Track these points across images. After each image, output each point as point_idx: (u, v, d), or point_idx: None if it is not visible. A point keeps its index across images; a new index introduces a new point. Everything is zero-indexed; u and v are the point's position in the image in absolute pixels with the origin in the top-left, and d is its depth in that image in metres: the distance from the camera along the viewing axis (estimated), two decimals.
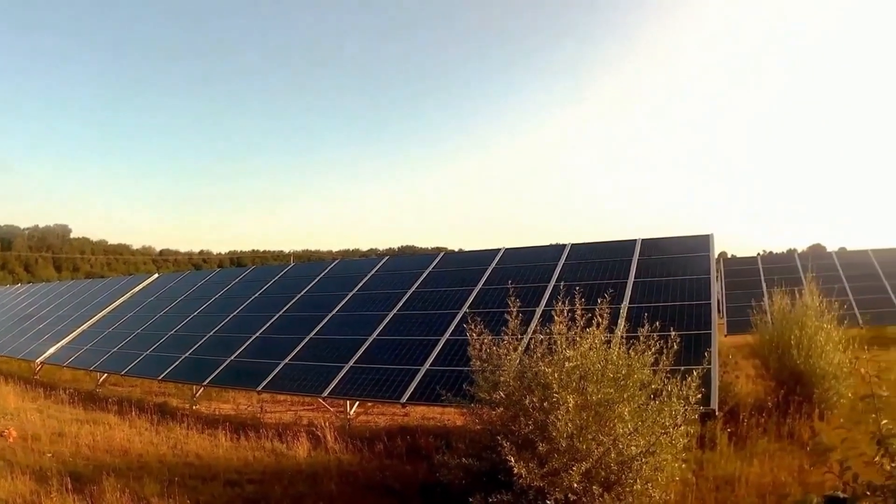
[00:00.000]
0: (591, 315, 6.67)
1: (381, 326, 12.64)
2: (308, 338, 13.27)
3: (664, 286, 10.89)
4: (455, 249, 33.40)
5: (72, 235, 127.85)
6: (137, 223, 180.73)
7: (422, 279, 14.21)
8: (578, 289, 7.44)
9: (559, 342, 6.37)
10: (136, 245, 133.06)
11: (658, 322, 6.91)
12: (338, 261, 18.42)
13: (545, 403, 6.02)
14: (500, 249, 14.28)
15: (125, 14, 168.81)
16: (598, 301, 6.94)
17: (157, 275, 23.99)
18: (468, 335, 7.29)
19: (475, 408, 6.81)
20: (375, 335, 12.38)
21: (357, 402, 11.98)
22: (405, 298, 13.54)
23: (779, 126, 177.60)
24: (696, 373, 6.39)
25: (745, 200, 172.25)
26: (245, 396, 15.06)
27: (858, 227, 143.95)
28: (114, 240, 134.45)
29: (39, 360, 19.00)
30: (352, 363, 11.63)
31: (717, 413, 8.19)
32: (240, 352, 13.82)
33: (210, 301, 17.98)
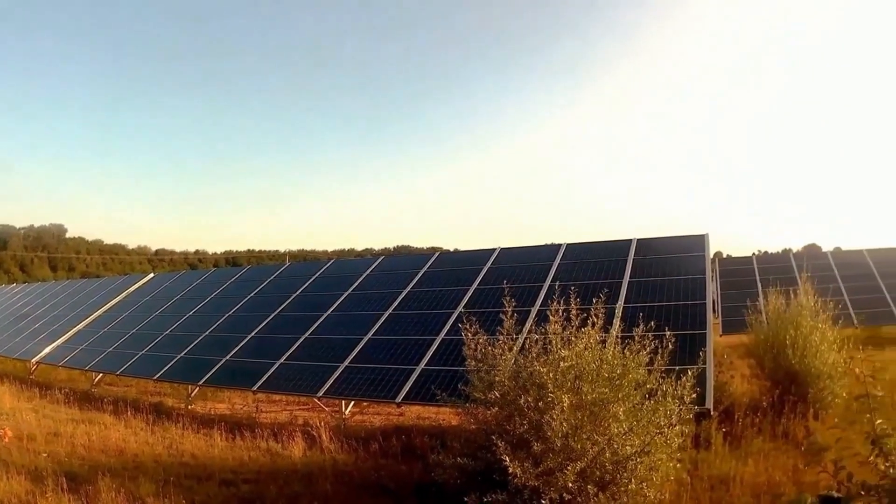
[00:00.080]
0: (587, 315, 6.69)
1: (377, 326, 12.63)
2: (303, 337, 13.25)
3: (659, 286, 10.90)
4: (451, 249, 33.33)
5: (67, 235, 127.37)
6: (133, 223, 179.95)
7: (417, 279, 14.20)
8: (574, 289, 7.44)
9: (554, 342, 6.39)
10: (132, 245, 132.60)
11: (653, 322, 6.89)
12: (333, 260, 18.40)
13: (540, 403, 6.03)
14: (496, 249, 14.26)
15: (121, 14, 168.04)
16: (594, 301, 6.95)
17: (153, 274, 23.94)
18: (463, 335, 7.30)
19: (470, 407, 6.82)
20: (371, 335, 12.37)
21: (352, 402, 11.98)
22: (400, 298, 13.53)
23: (775, 126, 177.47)
24: (691, 372, 6.40)
25: (741, 200, 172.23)
26: (240, 396, 15.05)
27: (853, 228, 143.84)
28: (109, 239, 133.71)
29: (35, 360, 18.97)
30: (347, 363, 11.62)
31: (712, 413, 8.19)
32: (235, 351, 13.80)
33: (205, 301, 17.94)
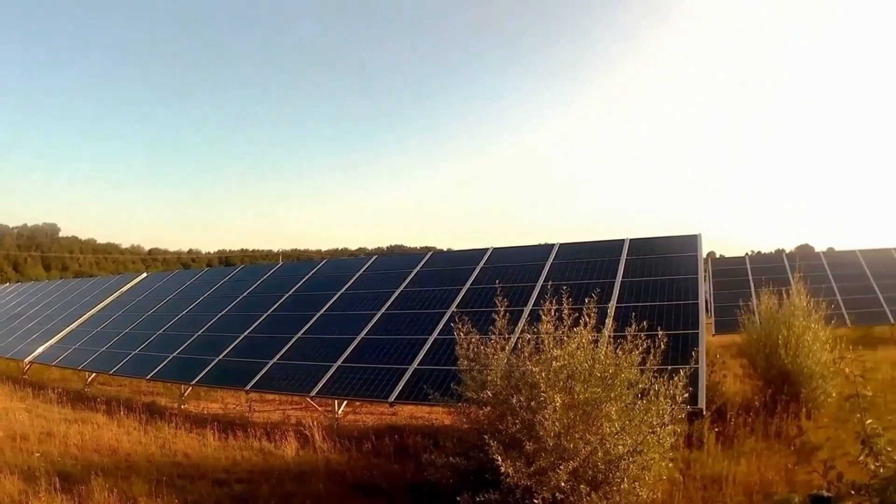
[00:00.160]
0: (579, 314, 6.69)
1: (370, 326, 12.62)
2: (296, 337, 13.23)
3: (652, 286, 10.91)
4: (444, 249, 33.39)
5: (60, 234, 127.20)
6: (126, 222, 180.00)
7: (410, 278, 14.20)
8: (566, 288, 7.44)
9: (546, 341, 6.39)
10: (125, 244, 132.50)
11: (646, 322, 6.92)
12: (326, 260, 18.37)
13: (532, 402, 6.03)
14: (488, 249, 14.27)
15: (118, 13, 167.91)
16: (586, 301, 6.96)
17: (146, 274, 23.87)
18: (456, 334, 7.30)
19: (463, 407, 6.82)
20: (363, 334, 12.36)
21: (345, 402, 11.97)
22: (393, 298, 13.52)
23: (772, 127, 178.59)
24: (684, 372, 6.42)
25: (738, 201, 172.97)
26: (233, 396, 15.03)
27: (848, 228, 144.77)
28: (103, 239, 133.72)
29: (28, 360, 18.93)
30: (340, 362, 11.61)
31: (705, 412, 8.22)
32: (228, 351, 13.77)
33: (198, 300, 17.90)
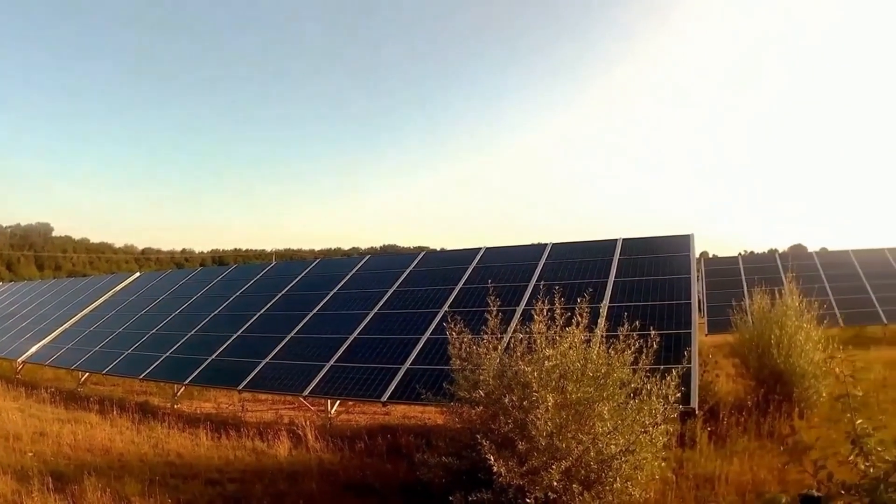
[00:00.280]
0: (572, 314, 6.70)
1: (362, 325, 12.61)
2: (289, 337, 13.22)
3: (645, 286, 10.92)
4: (437, 249, 33.39)
5: (54, 234, 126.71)
6: (120, 222, 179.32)
7: (403, 278, 14.19)
8: (559, 288, 7.44)
9: (539, 341, 6.40)
10: (119, 244, 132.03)
11: (638, 321, 6.92)
12: (319, 260, 18.38)
13: (525, 402, 6.04)
14: (481, 249, 14.27)
15: (115, 13, 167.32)
16: (579, 300, 6.98)
17: (139, 273, 23.79)
18: (448, 334, 7.30)
19: (455, 406, 6.83)
20: (356, 334, 12.35)
21: (338, 401, 11.97)
22: (386, 297, 13.52)
23: (772, 127, 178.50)
24: (676, 372, 6.45)
25: (735, 201, 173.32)
26: (226, 395, 15.01)
27: (847, 228, 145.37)
28: (96, 238, 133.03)
29: (21, 360, 18.90)
30: (333, 362, 11.60)
31: (697, 412, 8.23)
32: (221, 351, 13.75)
33: (191, 300, 17.87)
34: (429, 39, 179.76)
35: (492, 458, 5.69)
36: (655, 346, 6.57)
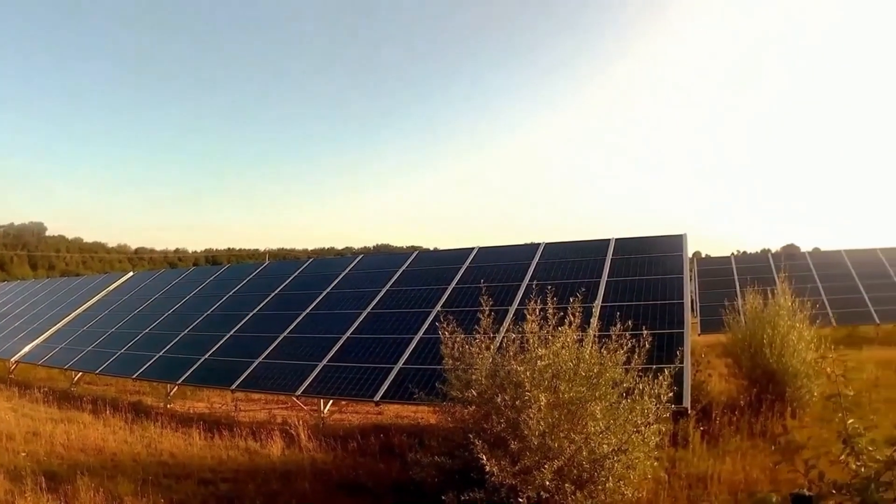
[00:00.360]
0: (564, 314, 6.71)
1: (355, 325, 12.60)
2: (282, 336, 13.20)
3: (637, 285, 10.94)
4: (430, 248, 33.37)
5: (47, 233, 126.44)
6: (113, 221, 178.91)
7: (396, 278, 14.19)
8: (551, 288, 7.46)
9: (531, 341, 6.40)
10: (112, 243, 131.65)
11: (631, 321, 6.92)
12: (312, 259, 18.36)
13: (517, 402, 6.04)
14: (474, 248, 14.27)
15: (112, 11, 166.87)
16: (571, 300, 6.97)
17: (132, 273, 23.73)
18: (441, 334, 7.30)
19: (448, 406, 6.83)
20: (349, 333, 12.34)
21: (331, 401, 11.95)
22: (379, 297, 13.51)
23: (772, 127, 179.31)
24: (669, 371, 6.45)
25: (735, 201, 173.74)
26: (219, 395, 14.98)
27: (847, 228, 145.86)
28: (89, 238, 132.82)
29: (14, 359, 18.84)
30: (325, 361, 11.59)
31: (690, 411, 8.24)
32: (214, 350, 13.72)
33: (184, 300, 17.83)
34: (428, 39, 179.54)
35: (484, 458, 5.68)
36: (648, 346, 6.58)
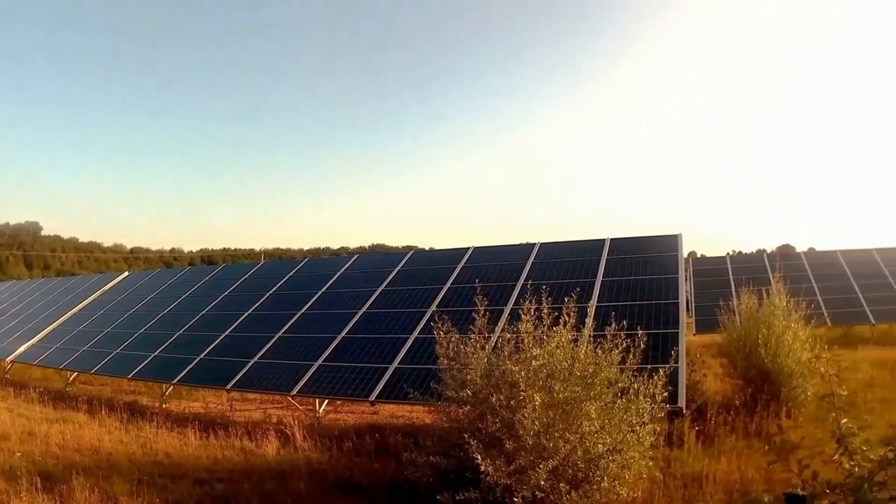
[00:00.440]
0: (559, 314, 6.71)
1: (351, 324, 12.60)
2: (277, 336, 13.19)
3: (632, 285, 10.95)
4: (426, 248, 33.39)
5: (43, 233, 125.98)
6: (109, 221, 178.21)
7: (391, 277, 14.19)
8: (547, 288, 7.45)
9: (527, 340, 6.40)
10: (108, 243, 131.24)
11: (626, 321, 6.94)
12: (307, 259, 18.37)
13: (512, 401, 6.05)
14: (469, 248, 14.28)
15: (107, 12, 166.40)
16: (566, 300, 6.98)
17: (128, 273, 23.70)
18: (436, 333, 7.30)
19: (443, 406, 6.83)
20: (344, 333, 12.33)
21: (326, 400, 11.94)
22: (374, 297, 13.50)
23: (772, 127, 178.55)
24: (664, 371, 6.46)
25: (735, 201, 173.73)
26: (215, 395, 14.97)
27: (847, 228, 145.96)
28: (85, 237, 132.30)
29: (9, 359, 18.81)
30: (321, 361, 11.58)
31: (685, 411, 8.26)
32: (209, 350, 13.71)
33: (180, 299, 17.82)
34: (428, 39, 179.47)
35: (479, 458, 5.69)
36: (643, 346, 6.58)
